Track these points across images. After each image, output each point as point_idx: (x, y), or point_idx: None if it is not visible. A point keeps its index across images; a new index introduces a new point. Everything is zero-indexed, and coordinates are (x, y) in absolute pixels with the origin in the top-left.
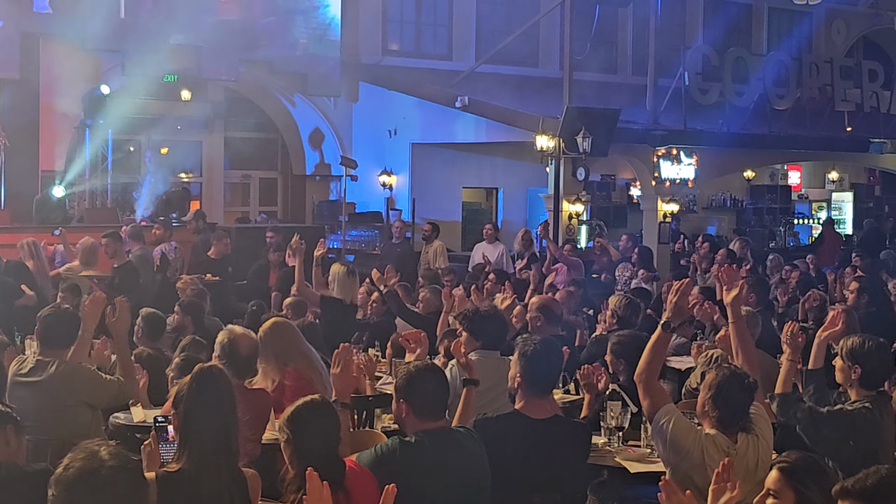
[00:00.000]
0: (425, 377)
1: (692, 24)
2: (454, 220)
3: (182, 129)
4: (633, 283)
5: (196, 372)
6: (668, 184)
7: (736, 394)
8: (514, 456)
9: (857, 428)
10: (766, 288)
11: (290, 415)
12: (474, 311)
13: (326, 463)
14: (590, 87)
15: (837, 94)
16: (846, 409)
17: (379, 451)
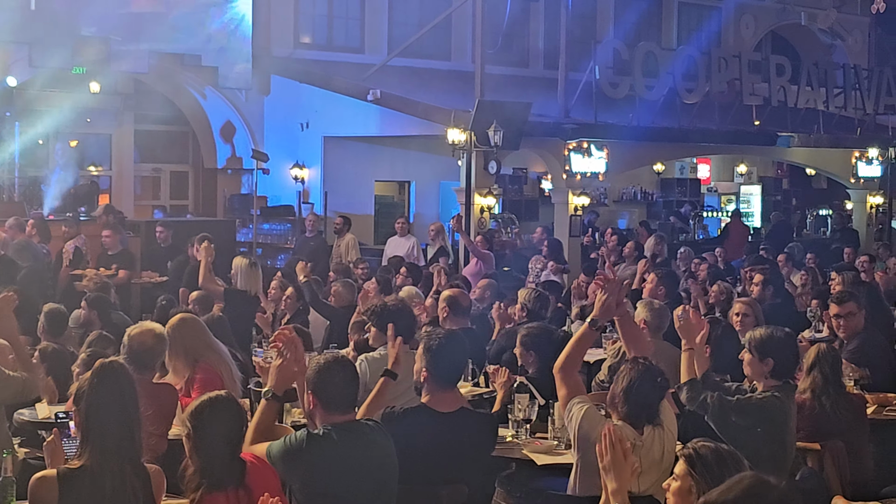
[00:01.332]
0: (335, 370)
1: (603, 18)
2: (367, 213)
3: (91, 121)
4: (544, 276)
5: (96, 367)
6: (578, 177)
7: (647, 391)
8: (421, 449)
9: (766, 416)
10: (675, 281)
11: (193, 410)
12: (382, 305)
13: (227, 460)
14: (501, 80)
15: (746, 88)
16: (755, 398)
17: (288, 443)
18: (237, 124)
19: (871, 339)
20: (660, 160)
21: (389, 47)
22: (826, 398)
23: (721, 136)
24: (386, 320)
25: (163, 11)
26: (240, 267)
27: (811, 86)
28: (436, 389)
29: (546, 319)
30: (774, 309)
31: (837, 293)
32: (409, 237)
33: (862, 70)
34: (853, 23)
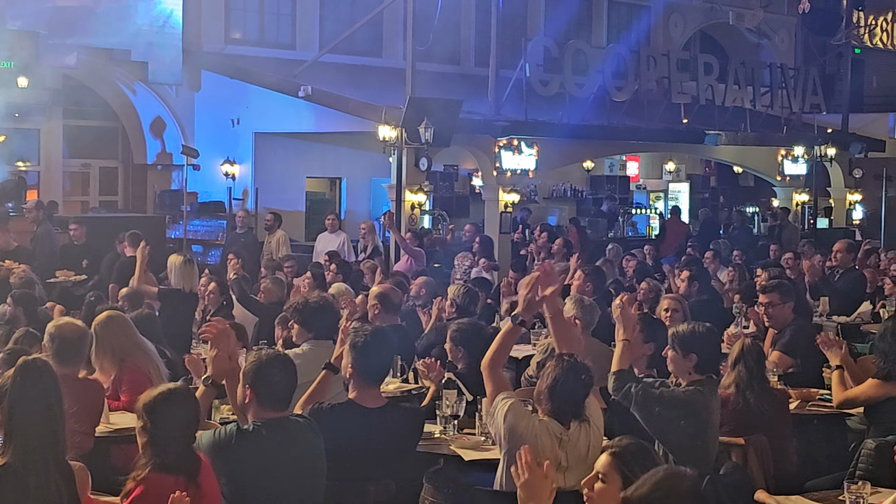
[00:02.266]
0: (274, 367)
1: (533, 17)
2: (298, 209)
3: (20, 116)
4: (474, 273)
5: (19, 364)
6: (509, 174)
7: (572, 387)
8: (349, 445)
9: (688, 410)
10: (602, 277)
11: (149, 402)
12: (304, 302)
13: (183, 454)
14: (432, 77)
15: (674, 86)
16: (678, 391)
17: (217, 436)
18: (167, 120)
19: (802, 330)
20: (589, 157)
21: (321, 44)
22: (750, 393)
23: (650, 134)
24: (308, 317)
25: (91, 6)
26: (174, 264)
27: (738, 84)
28: (362, 385)
29: (475, 315)
30: (701, 305)
31: (763, 284)
32: (340, 233)
33: (788, 69)
34: (780, 22)
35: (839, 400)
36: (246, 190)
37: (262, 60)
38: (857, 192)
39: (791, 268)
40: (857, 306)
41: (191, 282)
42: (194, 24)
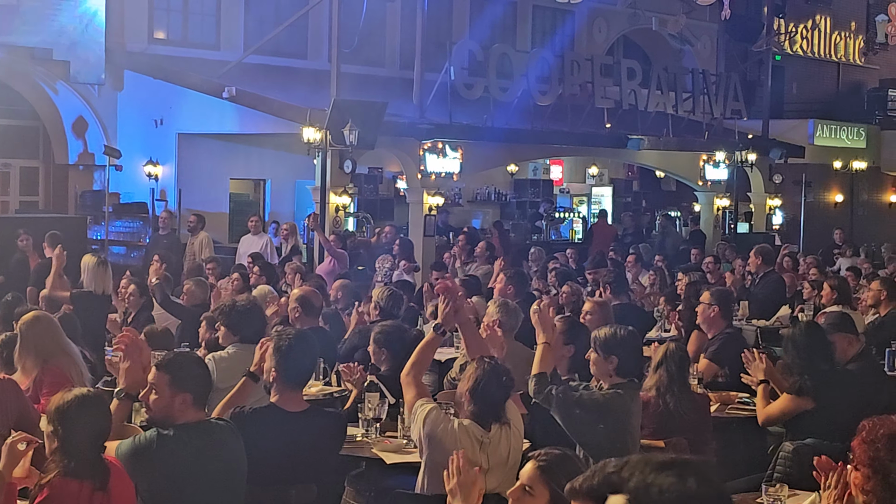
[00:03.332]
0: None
1: (459, 20)
2: (221, 211)
3: None
4: (395, 275)
5: None
6: (433, 177)
7: (493, 390)
8: (270, 449)
9: (609, 411)
10: (524, 280)
11: (58, 407)
12: (231, 304)
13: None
14: (357, 80)
15: (598, 91)
16: (598, 393)
17: (137, 443)
18: (89, 120)
19: (732, 339)
20: (513, 161)
21: (245, 45)
22: (670, 397)
23: (573, 138)
24: (235, 320)
25: (14, 4)
26: (88, 265)
27: (661, 90)
28: (285, 389)
29: (399, 318)
30: (623, 309)
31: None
32: (263, 235)
33: (710, 75)
34: (702, 29)
35: (762, 419)
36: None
37: (185, 61)
38: (776, 197)
39: (711, 272)
40: (774, 310)
41: (104, 283)
42: (118, 23)
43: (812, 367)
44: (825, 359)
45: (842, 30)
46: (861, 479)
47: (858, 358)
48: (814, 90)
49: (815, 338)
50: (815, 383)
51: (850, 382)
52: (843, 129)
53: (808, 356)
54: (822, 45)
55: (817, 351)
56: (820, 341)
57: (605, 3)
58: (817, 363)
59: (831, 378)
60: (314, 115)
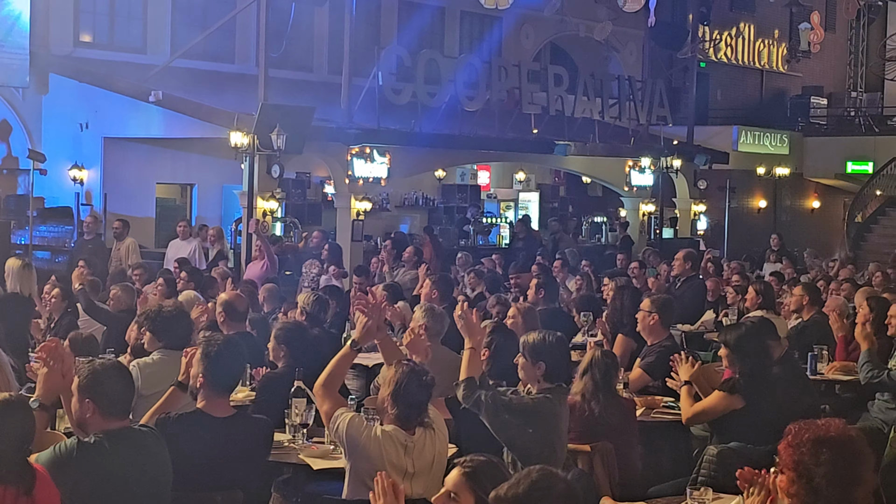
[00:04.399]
0: (111, 376)
1: (387, 25)
2: (148, 216)
3: None
4: (324, 280)
5: None
6: (361, 182)
7: (414, 391)
8: (197, 454)
9: (537, 417)
10: (449, 285)
11: None
12: (157, 310)
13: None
14: (285, 84)
15: (525, 97)
16: (527, 398)
17: (57, 452)
18: (13, 123)
19: (669, 352)
20: (441, 166)
21: (172, 48)
22: (595, 403)
23: (500, 144)
24: (160, 326)
25: None
26: (12, 269)
27: (588, 96)
28: (212, 395)
29: (326, 323)
30: (549, 314)
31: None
32: (191, 240)
33: (636, 82)
34: (628, 36)
35: (688, 416)
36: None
37: (112, 64)
38: (701, 202)
39: (637, 277)
40: (697, 314)
41: (29, 286)
42: (42, 26)
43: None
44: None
45: (765, 37)
46: (786, 483)
47: (781, 362)
48: (738, 97)
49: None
50: (747, 383)
51: (776, 385)
52: (767, 136)
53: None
54: (746, 52)
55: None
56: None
57: (532, 9)
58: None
59: (764, 380)
60: (242, 119)
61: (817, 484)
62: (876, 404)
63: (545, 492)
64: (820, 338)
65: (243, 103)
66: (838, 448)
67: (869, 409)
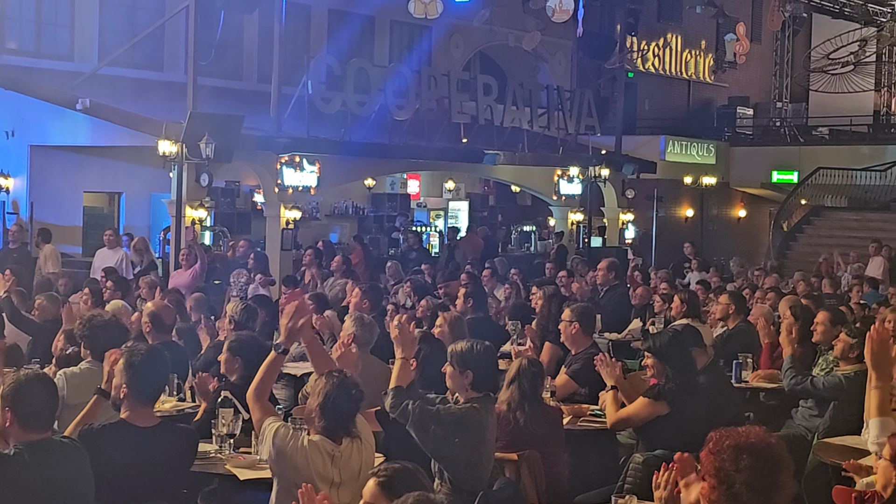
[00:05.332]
0: (35, 387)
1: (317, 34)
2: (75, 224)
3: None
4: (252, 289)
5: None
6: (290, 191)
7: (343, 403)
8: (121, 465)
9: (463, 427)
10: (379, 294)
11: None
12: (89, 319)
13: None
14: (214, 92)
15: (454, 106)
16: (454, 408)
17: None
18: None
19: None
20: (371, 175)
21: (100, 56)
22: (521, 413)
23: (430, 153)
24: (89, 335)
25: None
26: None
27: (517, 105)
28: (136, 405)
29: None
30: (478, 323)
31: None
32: (118, 249)
33: (564, 91)
34: (557, 46)
35: (612, 421)
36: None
37: (38, 72)
38: (629, 211)
39: (565, 286)
40: (622, 323)
41: None
42: None
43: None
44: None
45: (692, 48)
46: (707, 490)
47: (707, 370)
48: (665, 107)
49: (685, 345)
50: (672, 389)
51: (701, 393)
52: (694, 146)
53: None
54: (674, 62)
55: (684, 358)
56: (688, 349)
57: (461, 19)
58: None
59: (689, 387)
60: (170, 127)
61: (738, 490)
62: (800, 412)
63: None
64: (745, 346)
65: (172, 111)
66: (758, 455)
67: (793, 417)
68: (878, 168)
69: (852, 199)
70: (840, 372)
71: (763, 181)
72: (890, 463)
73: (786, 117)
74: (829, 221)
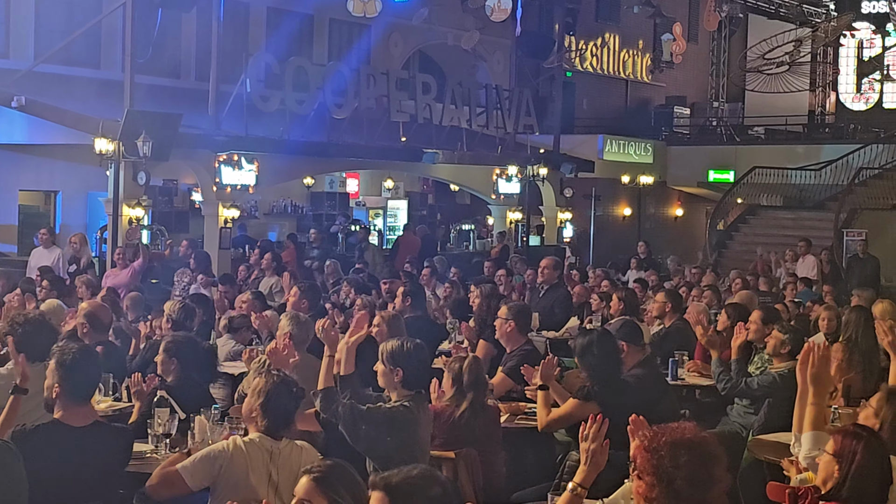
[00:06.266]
0: None
1: (255, 32)
2: (10, 223)
3: None
4: (193, 289)
5: None
6: (229, 189)
7: (284, 402)
8: (54, 466)
9: (395, 425)
10: (317, 294)
11: None
12: (22, 318)
13: None
14: (152, 90)
15: (393, 105)
16: (384, 407)
17: None
18: None
19: (530, 356)
20: (310, 174)
21: (36, 53)
22: (459, 410)
23: (369, 152)
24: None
25: None
26: None
27: (455, 104)
28: (69, 405)
29: (192, 331)
30: (416, 321)
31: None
32: (54, 248)
33: (503, 90)
34: (496, 45)
35: (544, 423)
36: None
37: None
38: (567, 210)
39: (504, 284)
40: (562, 321)
41: None
42: None
43: (600, 373)
44: (613, 366)
45: (630, 48)
46: (645, 489)
47: (640, 366)
48: (603, 106)
49: (605, 345)
50: (601, 389)
51: (633, 390)
52: (631, 145)
53: (597, 363)
54: (612, 62)
55: (606, 358)
56: (609, 349)
57: (400, 17)
58: (605, 370)
59: (617, 385)
60: (107, 125)
61: (678, 487)
62: (735, 409)
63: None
64: (681, 344)
65: (109, 109)
66: (695, 450)
67: (728, 414)
68: (813, 168)
69: (787, 198)
70: (773, 370)
71: (700, 180)
72: (833, 458)
73: (722, 117)
74: (765, 220)
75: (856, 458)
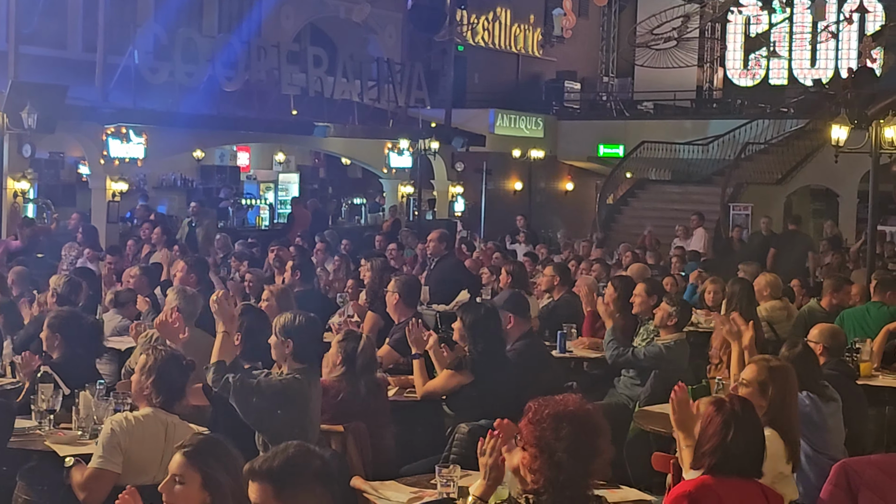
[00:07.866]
0: None
1: (144, 3)
2: None
3: None
4: (79, 263)
5: None
6: (117, 162)
7: (175, 376)
8: None
9: (285, 398)
10: (205, 267)
11: None
12: None
13: None
14: (37, 61)
15: (284, 77)
16: (275, 379)
17: None
18: None
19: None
20: (200, 147)
21: None
22: (347, 383)
23: (259, 125)
24: None
25: None
26: None
27: (347, 77)
28: None
29: (78, 305)
30: (305, 295)
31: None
32: None
33: (395, 64)
34: (387, 18)
35: (421, 393)
36: None
37: None
38: (459, 184)
39: (395, 258)
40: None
41: None
42: None
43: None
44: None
45: (521, 22)
46: (529, 459)
47: (523, 338)
48: (495, 81)
49: (482, 317)
50: (474, 359)
51: (508, 363)
52: (522, 119)
53: (473, 334)
54: (503, 36)
55: (482, 329)
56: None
57: None
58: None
59: (494, 356)
60: None
61: (559, 458)
62: (622, 381)
63: (300, 468)
64: (569, 316)
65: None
66: (577, 422)
67: (615, 386)
68: (701, 142)
69: (675, 172)
70: (660, 341)
71: (590, 155)
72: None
73: (612, 92)
74: (653, 194)
75: (730, 432)
